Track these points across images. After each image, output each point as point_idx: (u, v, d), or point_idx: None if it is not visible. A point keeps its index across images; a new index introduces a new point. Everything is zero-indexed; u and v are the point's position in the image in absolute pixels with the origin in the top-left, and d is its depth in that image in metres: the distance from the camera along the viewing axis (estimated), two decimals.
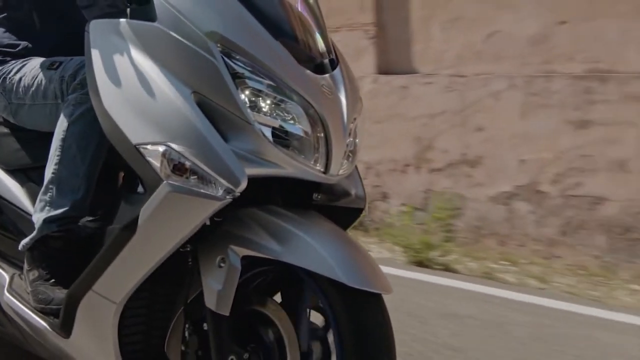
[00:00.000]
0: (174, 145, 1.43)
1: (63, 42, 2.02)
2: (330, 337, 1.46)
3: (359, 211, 1.68)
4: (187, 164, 1.42)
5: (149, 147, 1.46)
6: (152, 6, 1.51)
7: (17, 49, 2.02)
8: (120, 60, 1.54)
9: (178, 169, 1.43)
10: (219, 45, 1.45)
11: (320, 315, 1.51)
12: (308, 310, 1.50)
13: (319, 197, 1.63)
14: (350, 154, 1.59)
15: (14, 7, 2.04)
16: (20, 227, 1.96)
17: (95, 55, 1.59)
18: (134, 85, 1.51)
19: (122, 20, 1.56)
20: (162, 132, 1.45)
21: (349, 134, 1.56)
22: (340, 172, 1.55)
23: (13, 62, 2.01)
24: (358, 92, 1.66)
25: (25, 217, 1.95)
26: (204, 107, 1.45)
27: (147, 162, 1.46)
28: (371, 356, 1.35)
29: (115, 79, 1.55)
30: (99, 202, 1.83)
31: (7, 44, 2.04)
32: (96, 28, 1.62)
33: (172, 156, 1.43)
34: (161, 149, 1.44)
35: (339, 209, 1.66)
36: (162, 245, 1.46)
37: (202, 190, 1.41)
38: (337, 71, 1.60)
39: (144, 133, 1.47)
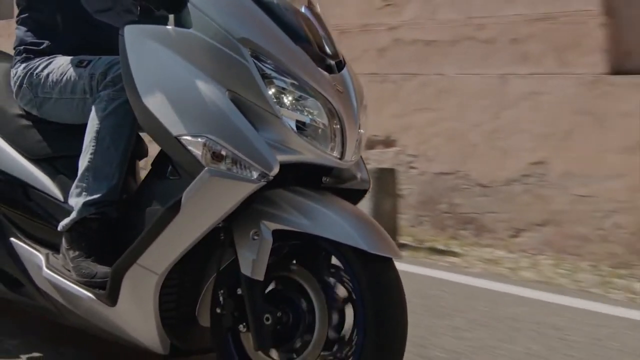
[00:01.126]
0: (213, 137, 1.67)
1: (83, 42, 2.21)
2: (341, 292, 1.72)
3: (363, 192, 1.95)
4: (225, 152, 1.66)
5: (189, 138, 1.69)
6: (188, 15, 1.73)
7: (41, 47, 2.20)
8: (158, 62, 1.76)
9: (217, 156, 1.66)
10: (249, 49, 1.69)
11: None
12: (326, 275, 1.76)
13: (328, 180, 1.89)
14: (359, 143, 1.85)
15: (37, 9, 2.21)
16: (49, 212, 2.15)
17: (132, 57, 1.81)
18: (173, 85, 1.74)
19: (159, 26, 1.78)
20: (202, 125, 1.68)
21: (360, 126, 1.83)
22: (353, 158, 1.81)
23: (38, 59, 2.19)
24: (362, 89, 1.92)
25: (53, 202, 2.14)
26: (237, 103, 1.69)
27: (188, 151, 1.68)
28: (388, 310, 1.62)
29: (153, 79, 1.77)
30: (122, 188, 2.04)
31: (30, 42, 2.22)
32: (131, 32, 1.83)
33: (212, 146, 1.66)
34: (201, 139, 1.67)
35: (345, 190, 1.92)
36: (203, 223, 1.69)
37: (239, 175, 1.65)
38: (344, 71, 1.86)
39: (184, 126, 1.70)
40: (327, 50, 1.86)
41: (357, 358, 1.63)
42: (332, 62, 1.84)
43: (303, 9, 1.94)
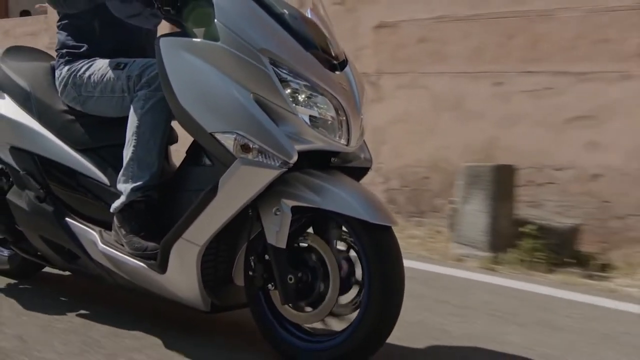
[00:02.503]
0: (241, 132, 2.02)
1: (117, 44, 2.55)
2: (350, 255, 2.09)
3: (366, 169, 2.31)
4: (252, 145, 2.01)
5: (221, 134, 2.04)
6: (215, 31, 2.07)
7: (81, 50, 2.54)
8: (191, 70, 2.10)
9: (246, 148, 2.02)
10: (268, 58, 2.03)
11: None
12: (335, 240, 2.13)
13: (335, 160, 2.25)
14: (362, 129, 2.20)
15: (75, 16, 2.54)
16: (97, 194, 2.51)
17: (168, 65, 2.14)
18: (205, 89, 2.08)
19: (191, 39, 2.12)
20: (232, 123, 2.03)
21: (361, 116, 2.18)
22: (357, 143, 2.17)
23: (80, 61, 2.53)
24: (364, 83, 2.26)
25: (100, 186, 2.50)
26: (260, 103, 2.04)
27: (222, 145, 2.04)
28: (387, 268, 2.00)
29: (189, 84, 2.11)
30: (161, 173, 2.40)
31: (71, 46, 2.55)
32: (166, 44, 2.17)
33: (241, 140, 2.02)
34: (232, 135, 2.02)
35: (350, 168, 2.28)
36: (236, 203, 2.06)
37: (265, 163, 2.00)
38: (347, 69, 2.20)
39: (217, 124, 2.05)
40: (332, 52, 2.19)
41: (364, 307, 2.01)
42: (336, 62, 2.18)
43: (309, 13, 2.28)
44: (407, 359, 2.30)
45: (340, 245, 2.13)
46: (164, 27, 2.64)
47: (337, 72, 2.16)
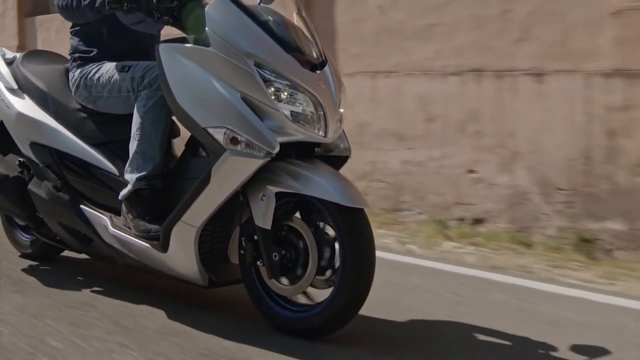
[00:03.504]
0: (230, 127, 2.29)
1: (123, 48, 2.83)
2: (328, 235, 2.35)
3: (346, 158, 2.57)
4: (240, 138, 2.28)
5: (213, 128, 2.32)
6: (207, 37, 2.34)
7: (91, 55, 2.83)
8: (187, 72, 2.38)
9: (234, 141, 2.29)
10: (253, 61, 2.30)
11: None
12: (319, 223, 2.40)
13: (319, 150, 2.52)
14: (339, 122, 2.47)
15: (86, 23, 2.82)
16: (107, 184, 2.80)
17: (166, 68, 2.42)
18: (199, 89, 2.36)
19: (186, 45, 2.39)
20: (222, 118, 2.31)
21: (338, 110, 2.44)
22: (334, 135, 2.43)
23: (90, 64, 2.82)
24: (341, 79, 2.52)
25: (111, 176, 2.79)
26: (247, 101, 2.31)
27: (214, 138, 2.32)
28: (360, 247, 2.26)
29: (184, 85, 2.39)
30: (164, 163, 2.68)
31: (83, 50, 2.84)
32: (164, 49, 2.45)
33: (230, 134, 2.29)
34: (222, 129, 2.30)
35: (332, 157, 2.55)
36: (227, 188, 2.33)
37: (251, 153, 2.28)
38: (326, 68, 2.46)
39: (209, 119, 2.33)
40: (313, 53, 2.46)
41: (339, 281, 2.28)
42: (317, 63, 2.44)
43: (294, 16, 2.54)
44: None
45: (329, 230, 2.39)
46: (167, 31, 2.91)
47: (318, 72, 2.43)
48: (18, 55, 3.18)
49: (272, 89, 2.32)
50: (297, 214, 2.44)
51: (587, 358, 2.32)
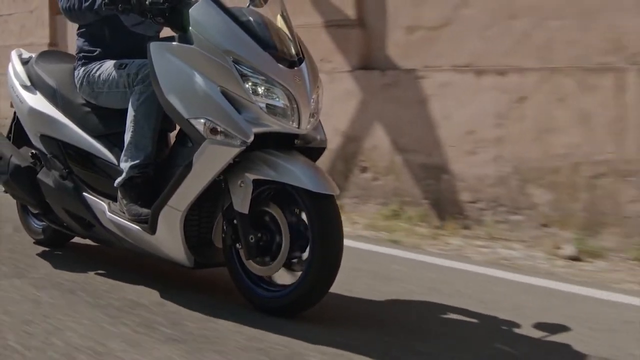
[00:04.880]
0: (210, 118, 2.49)
1: (125, 49, 3.05)
2: (300, 219, 2.51)
3: (323, 149, 2.74)
4: (219, 128, 2.48)
5: (195, 119, 2.52)
6: (190, 36, 2.55)
7: (94, 54, 3.06)
8: (173, 68, 2.59)
9: (213, 131, 2.49)
10: (232, 58, 2.50)
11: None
12: (295, 209, 2.57)
13: (298, 142, 2.70)
14: (315, 115, 2.64)
15: (90, 23, 3.05)
16: (108, 173, 3.02)
17: (156, 64, 2.64)
18: (183, 83, 2.56)
19: (172, 43, 2.60)
20: (203, 110, 2.51)
21: (313, 104, 2.61)
22: (308, 126, 2.61)
23: (93, 63, 3.05)
24: (318, 75, 2.70)
25: (111, 165, 3.01)
26: (226, 95, 2.50)
27: (195, 128, 2.52)
28: (329, 231, 2.43)
29: (170, 79, 2.60)
30: (157, 154, 2.89)
31: (87, 50, 3.08)
32: (155, 47, 2.67)
33: (210, 124, 2.49)
34: (203, 120, 2.50)
35: (311, 149, 2.72)
36: (207, 175, 2.53)
37: (228, 142, 2.47)
38: (303, 65, 2.64)
39: (192, 111, 2.53)
40: (291, 51, 2.64)
41: (308, 263, 2.45)
42: (294, 60, 2.62)
43: (278, 17, 2.73)
44: None
45: (294, 212, 2.56)
46: (167, 33, 3.13)
47: (295, 68, 2.61)
48: (34, 55, 3.44)
49: (249, 84, 2.51)
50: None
51: None
